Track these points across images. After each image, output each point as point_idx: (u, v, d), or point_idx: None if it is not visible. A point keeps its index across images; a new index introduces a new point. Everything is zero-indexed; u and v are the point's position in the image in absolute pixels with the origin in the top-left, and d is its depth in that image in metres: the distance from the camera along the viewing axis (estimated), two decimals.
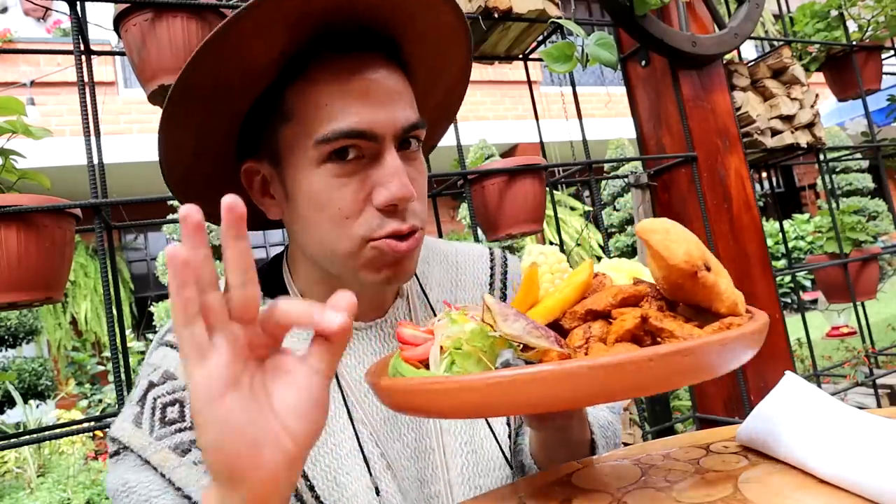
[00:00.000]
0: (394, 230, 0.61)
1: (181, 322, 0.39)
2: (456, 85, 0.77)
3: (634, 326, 0.43)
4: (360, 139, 0.59)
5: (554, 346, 0.42)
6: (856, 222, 2.38)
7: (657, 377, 0.38)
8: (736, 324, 0.43)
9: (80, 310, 6.96)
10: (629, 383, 0.38)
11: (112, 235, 1.36)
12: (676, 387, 0.41)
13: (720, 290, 0.44)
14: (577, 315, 0.47)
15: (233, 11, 0.55)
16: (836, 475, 0.45)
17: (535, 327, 0.43)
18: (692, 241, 0.45)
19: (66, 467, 4.16)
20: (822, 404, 0.53)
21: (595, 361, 0.38)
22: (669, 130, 1.88)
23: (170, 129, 0.61)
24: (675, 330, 0.42)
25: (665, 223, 0.46)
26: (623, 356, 0.37)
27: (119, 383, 1.18)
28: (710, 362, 0.40)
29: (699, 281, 0.43)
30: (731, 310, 0.45)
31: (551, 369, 0.38)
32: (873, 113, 2.51)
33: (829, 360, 4.17)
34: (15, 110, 1.19)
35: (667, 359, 0.38)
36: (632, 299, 0.46)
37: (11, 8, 7.23)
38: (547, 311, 0.47)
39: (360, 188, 0.61)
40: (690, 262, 0.43)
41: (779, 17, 2.46)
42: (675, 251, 0.44)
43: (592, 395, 0.39)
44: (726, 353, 0.40)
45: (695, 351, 0.38)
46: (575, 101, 1.74)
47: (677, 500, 0.47)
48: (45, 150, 4.34)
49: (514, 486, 0.58)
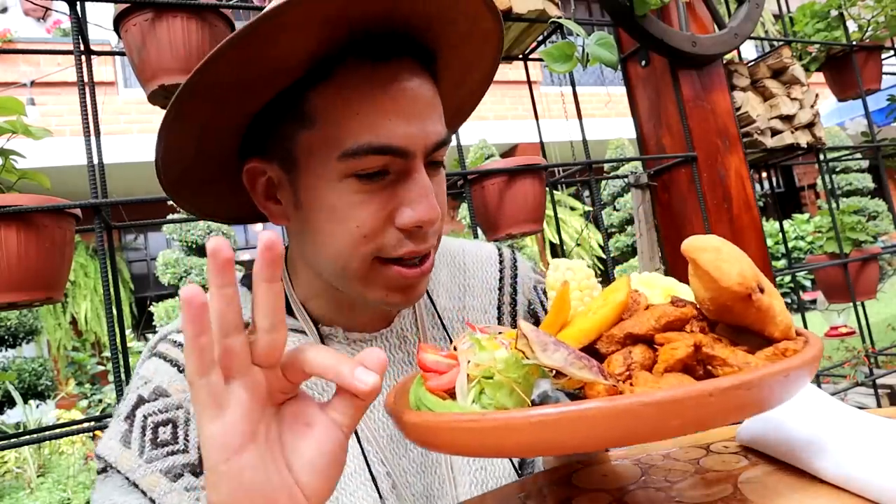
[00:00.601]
0: (411, 251, 0.57)
1: (196, 371, 0.37)
2: (474, 92, 0.73)
3: (687, 356, 0.40)
4: (390, 156, 0.55)
5: (599, 378, 0.38)
6: (856, 222, 2.38)
7: (717, 413, 0.35)
8: (792, 349, 0.40)
9: (80, 310, 6.96)
10: (688, 420, 0.34)
11: (112, 235, 1.36)
12: (734, 422, 0.38)
13: (775, 314, 0.41)
14: (615, 339, 0.42)
15: (233, 11, 0.54)
16: (835, 475, 0.45)
17: (578, 357, 0.39)
18: (745, 262, 0.42)
19: (66, 467, 4.17)
20: (822, 404, 0.53)
21: (651, 398, 0.34)
22: (669, 130, 1.88)
23: (174, 126, 0.56)
24: (728, 358, 0.39)
25: (715, 241, 0.43)
26: (681, 391, 0.34)
27: (119, 383, 1.18)
28: (771, 395, 0.36)
29: (753, 304, 0.40)
30: (785, 334, 0.41)
31: (601, 406, 0.34)
32: (873, 113, 2.51)
33: (829, 360, 4.16)
34: (15, 110, 1.19)
35: (728, 393, 0.34)
36: (677, 323, 0.42)
37: (11, 8, 7.23)
38: (582, 333, 0.43)
39: (383, 206, 0.56)
40: (745, 283, 0.40)
41: (779, 17, 2.46)
42: (728, 272, 0.40)
43: (647, 433, 0.36)
44: (789, 383, 0.37)
45: (758, 384, 0.35)
46: (575, 101, 1.74)
47: (677, 500, 0.47)
48: (45, 150, 4.33)
49: (514, 486, 0.58)
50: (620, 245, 8.34)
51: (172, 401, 0.61)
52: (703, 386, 0.34)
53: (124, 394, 0.64)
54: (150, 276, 7.97)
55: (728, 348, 0.40)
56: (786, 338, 0.41)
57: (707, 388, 0.34)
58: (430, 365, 0.46)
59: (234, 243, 6.78)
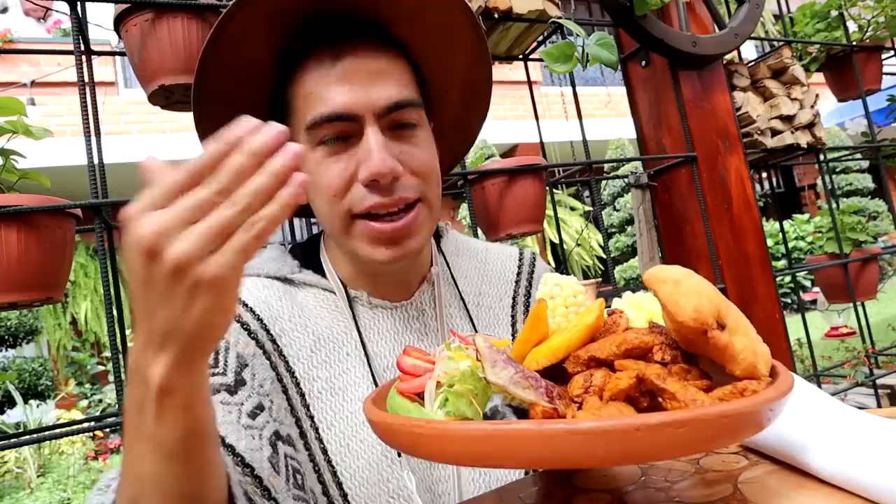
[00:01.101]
0: (376, 203, 0.64)
1: (163, 227, 0.36)
2: (476, 94, 0.78)
3: (629, 387, 0.40)
4: (339, 121, 0.63)
5: (540, 400, 0.40)
6: (856, 222, 2.38)
7: (645, 448, 0.35)
8: (750, 390, 0.39)
9: (80, 310, 6.95)
10: (614, 451, 0.35)
11: (112, 235, 1.36)
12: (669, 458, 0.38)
13: (734, 353, 0.40)
14: (580, 360, 0.43)
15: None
16: (836, 475, 0.45)
17: (525, 376, 0.40)
18: (705, 295, 0.40)
19: (66, 467, 4.17)
20: (822, 404, 0.53)
21: (576, 426, 0.35)
22: (669, 131, 1.88)
23: (200, 127, 0.66)
24: (677, 392, 0.38)
25: (676, 272, 0.42)
26: (607, 423, 0.34)
27: (119, 383, 1.18)
28: (707, 436, 0.35)
29: (710, 341, 0.40)
30: (748, 372, 0.40)
31: (527, 429, 0.35)
32: (873, 113, 2.51)
33: (829, 361, 4.17)
34: (15, 110, 1.19)
35: (656, 430, 0.34)
36: (637, 351, 0.42)
37: (11, 8, 7.23)
38: (551, 351, 0.44)
39: (346, 167, 0.64)
40: (699, 319, 0.39)
41: (779, 17, 2.46)
42: (685, 307, 0.39)
43: (574, 459, 0.37)
44: (729, 425, 0.36)
45: (689, 423, 0.34)
46: (575, 101, 1.74)
47: (677, 500, 0.47)
48: (45, 151, 4.33)
49: (514, 486, 0.58)
50: (620, 245, 8.34)
51: None
52: (632, 420, 0.35)
53: None
54: None
55: (679, 383, 0.40)
56: (748, 376, 0.40)
57: (635, 423, 0.34)
58: (407, 368, 0.49)
59: None
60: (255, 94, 0.67)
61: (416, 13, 0.66)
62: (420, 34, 0.68)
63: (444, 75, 0.74)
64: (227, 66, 0.62)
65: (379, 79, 0.64)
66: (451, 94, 0.77)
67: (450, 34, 0.70)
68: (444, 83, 0.75)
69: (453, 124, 0.79)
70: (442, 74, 0.74)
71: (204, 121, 0.67)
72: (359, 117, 0.63)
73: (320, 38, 0.64)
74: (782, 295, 7.99)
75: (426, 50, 0.70)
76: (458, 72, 0.75)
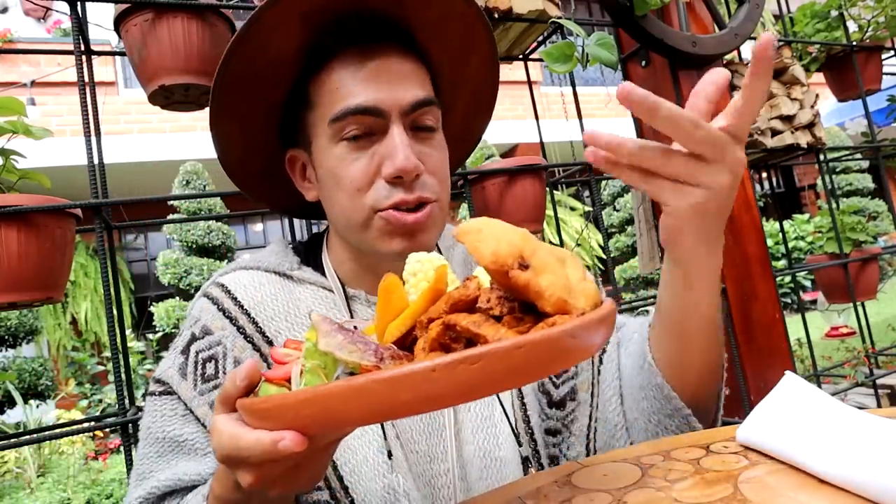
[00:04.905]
0: (400, 199, 0.65)
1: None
2: (480, 106, 0.81)
3: (438, 335, 0.41)
4: (366, 115, 0.64)
5: (363, 360, 0.41)
6: (856, 222, 2.38)
7: (449, 389, 0.36)
8: (558, 324, 0.38)
9: (80, 310, 6.96)
10: (420, 395, 0.36)
11: (112, 235, 1.36)
12: (476, 397, 0.38)
13: (539, 289, 0.39)
14: (423, 325, 0.44)
15: (233, 11, 0.60)
16: (836, 475, 0.45)
17: (353, 342, 0.42)
18: (504, 239, 0.41)
19: (66, 467, 4.17)
20: (822, 404, 0.53)
21: (379, 375, 0.36)
22: None
23: (219, 122, 0.68)
24: (488, 335, 0.39)
25: (479, 222, 0.43)
26: (406, 368, 0.35)
27: (119, 383, 1.18)
28: (505, 369, 0.36)
29: (511, 281, 0.40)
30: (558, 308, 0.39)
31: (340, 385, 0.37)
32: (873, 113, 2.51)
33: (829, 361, 4.17)
34: (15, 110, 1.19)
35: (451, 367, 0.35)
36: (461, 304, 0.43)
37: (11, 8, 7.23)
38: (402, 322, 0.45)
39: (370, 162, 0.65)
40: (498, 261, 0.39)
41: (779, 17, 2.46)
42: (483, 252, 0.40)
43: (384, 409, 0.38)
44: (526, 357, 0.36)
45: (483, 357, 0.35)
46: (575, 101, 1.74)
47: (677, 500, 0.47)
48: (45, 150, 4.34)
49: (514, 486, 0.58)
50: (620, 245, 8.34)
51: (215, 338, 0.71)
52: (428, 362, 0.35)
53: (180, 329, 0.75)
54: (150, 276, 7.97)
55: (493, 326, 0.40)
56: (560, 311, 0.40)
57: (431, 364, 0.35)
58: (279, 357, 0.50)
59: (235, 243, 6.77)
60: (275, 87, 0.69)
61: (441, 22, 0.68)
62: (441, 43, 0.71)
63: (455, 87, 0.76)
64: (252, 59, 0.64)
65: (405, 80, 0.66)
66: (457, 105, 0.79)
67: (468, 46, 0.73)
68: (453, 94, 0.77)
69: (455, 134, 0.81)
70: (453, 85, 0.76)
71: (221, 113, 0.67)
72: (385, 113, 0.64)
73: (348, 38, 0.66)
74: (782, 295, 7.98)
75: (444, 59, 0.72)
76: (469, 84, 0.77)
